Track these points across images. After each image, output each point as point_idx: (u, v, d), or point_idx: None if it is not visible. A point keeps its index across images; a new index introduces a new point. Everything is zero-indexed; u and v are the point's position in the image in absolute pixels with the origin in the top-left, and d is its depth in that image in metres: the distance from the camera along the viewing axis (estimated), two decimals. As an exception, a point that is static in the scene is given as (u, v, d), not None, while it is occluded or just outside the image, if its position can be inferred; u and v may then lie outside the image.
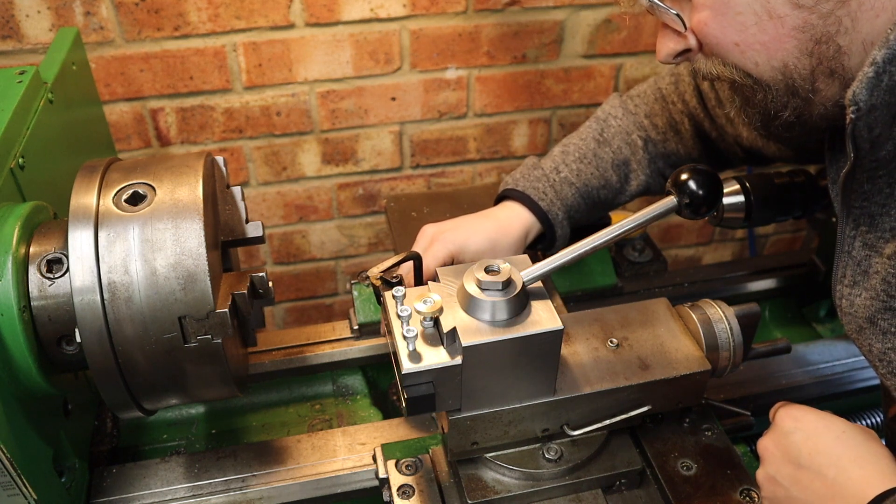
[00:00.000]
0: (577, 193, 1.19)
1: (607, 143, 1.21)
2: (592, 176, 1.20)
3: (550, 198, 1.17)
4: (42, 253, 0.88)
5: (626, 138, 1.21)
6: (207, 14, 1.72)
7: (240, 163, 1.97)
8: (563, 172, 1.19)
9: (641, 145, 1.21)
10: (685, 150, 1.23)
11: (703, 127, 1.21)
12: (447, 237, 1.11)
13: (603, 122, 1.23)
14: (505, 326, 0.85)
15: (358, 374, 1.33)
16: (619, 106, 1.24)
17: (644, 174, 1.22)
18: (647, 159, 1.22)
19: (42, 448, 0.93)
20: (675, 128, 1.22)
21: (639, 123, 1.22)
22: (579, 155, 1.20)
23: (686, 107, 1.21)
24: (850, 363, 1.28)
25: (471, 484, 0.96)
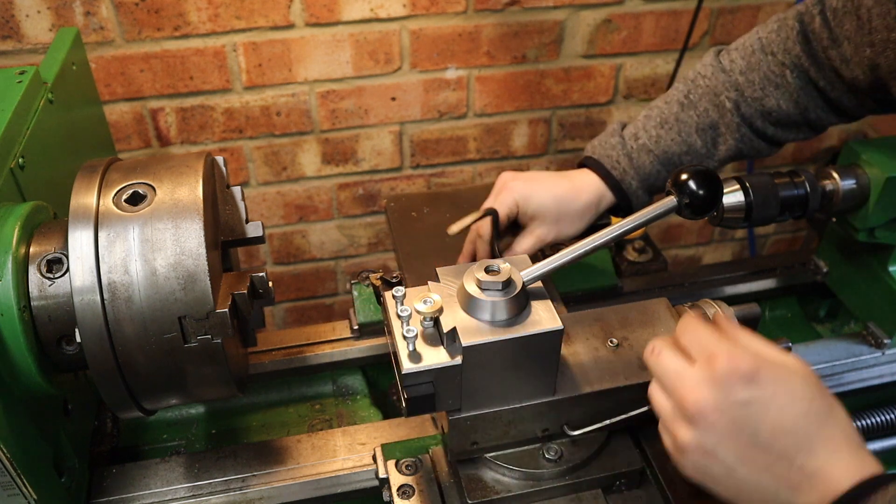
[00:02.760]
0: (655, 161, 1.14)
1: (692, 105, 1.14)
2: (673, 142, 1.14)
3: (624, 167, 1.13)
4: (42, 253, 0.88)
5: (714, 100, 1.14)
6: (207, 14, 1.72)
7: (240, 163, 1.97)
8: (641, 139, 1.15)
9: (731, 107, 1.13)
10: (788, 104, 1.13)
11: (809, 76, 1.12)
12: (516, 186, 1.11)
13: (690, 83, 1.16)
14: (505, 326, 0.85)
15: (358, 374, 1.33)
16: (711, 63, 1.16)
17: (734, 138, 1.14)
18: (738, 122, 1.14)
19: (42, 448, 0.93)
20: (776, 82, 1.13)
21: (731, 82, 1.14)
22: (660, 120, 1.15)
23: (788, 56, 1.12)
24: (850, 363, 1.28)
25: (471, 484, 0.96)
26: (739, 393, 0.68)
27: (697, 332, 0.75)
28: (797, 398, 0.68)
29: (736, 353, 0.69)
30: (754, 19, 2.03)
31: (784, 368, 0.69)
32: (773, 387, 0.68)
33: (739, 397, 0.68)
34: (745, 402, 0.68)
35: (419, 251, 1.16)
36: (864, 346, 1.29)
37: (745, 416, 0.68)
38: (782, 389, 0.68)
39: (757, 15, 2.02)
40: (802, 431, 0.67)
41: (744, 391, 0.68)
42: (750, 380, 0.68)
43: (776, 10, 2.02)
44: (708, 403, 0.69)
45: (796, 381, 0.69)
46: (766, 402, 0.68)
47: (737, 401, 0.68)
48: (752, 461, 0.68)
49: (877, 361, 1.28)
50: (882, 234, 1.20)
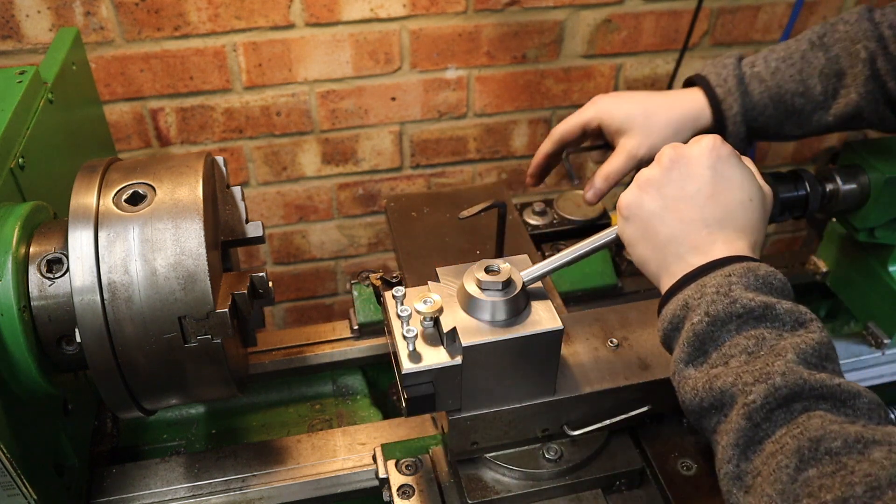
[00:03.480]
0: (766, 93, 1.06)
1: (824, 47, 1.06)
2: (791, 79, 1.06)
3: (730, 86, 1.06)
4: (42, 253, 0.88)
5: (849, 47, 1.05)
6: (207, 14, 1.72)
7: (240, 163, 1.97)
8: (757, 67, 1.07)
9: (865, 57, 1.03)
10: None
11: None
12: (600, 99, 1.08)
13: (829, 26, 1.08)
14: (505, 326, 0.85)
15: (358, 374, 1.33)
16: (858, 12, 1.08)
17: (858, 93, 1.04)
18: (868, 76, 1.04)
19: (42, 448, 0.93)
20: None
21: (875, 34, 1.04)
22: (785, 54, 1.07)
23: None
24: (850, 363, 1.28)
25: (471, 484, 0.96)
26: (708, 158, 0.80)
27: None
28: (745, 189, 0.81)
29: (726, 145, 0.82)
30: (754, 19, 2.03)
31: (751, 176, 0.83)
32: (733, 172, 0.81)
33: (706, 161, 0.80)
34: (708, 166, 0.80)
35: (419, 251, 1.16)
36: (864, 346, 1.29)
37: (700, 174, 0.80)
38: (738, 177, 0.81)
39: (757, 15, 2.02)
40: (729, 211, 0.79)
41: (712, 159, 0.80)
42: (720, 158, 0.81)
43: (776, 10, 2.02)
44: (683, 154, 0.82)
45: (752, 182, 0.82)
46: (722, 176, 0.80)
47: (703, 161, 0.80)
48: (680, 210, 0.80)
49: (877, 361, 1.28)
50: (882, 234, 1.20)
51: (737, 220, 0.80)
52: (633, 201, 0.83)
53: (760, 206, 0.82)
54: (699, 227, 0.79)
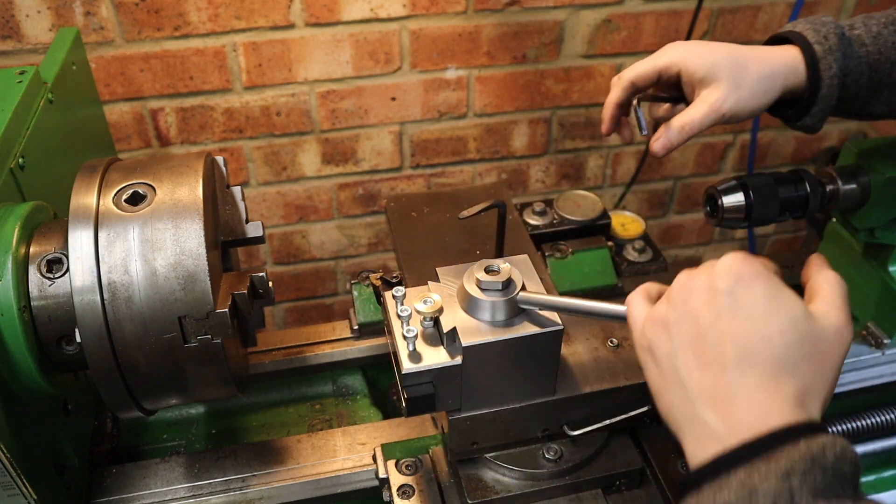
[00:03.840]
0: (864, 59, 0.95)
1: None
2: (893, 47, 0.94)
3: (831, 44, 0.93)
4: (42, 253, 0.88)
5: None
6: (207, 14, 1.72)
7: (240, 163, 1.97)
8: (857, 30, 0.96)
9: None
10: None
11: None
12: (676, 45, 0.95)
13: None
14: (505, 326, 0.85)
15: (358, 374, 1.33)
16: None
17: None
18: None
19: (42, 448, 0.93)
20: None
21: None
22: (887, 21, 0.96)
23: None
24: (850, 363, 1.27)
25: (471, 484, 0.96)
26: (722, 282, 0.64)
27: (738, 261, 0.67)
28: (768, 322, 0.62)
29: (750, 259, 0.65)
30: (754, 19, 2.03)
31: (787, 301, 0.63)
32: (756, 299, 0.63)
33: (719, 285, 0.64)
34: (722, 291, 0.64)
35: (419, 251, 1.16)
36: (864, 346, 1.29)
37: (713, 304, 0.64)
38: (762, 307, 0.63)
39: (757, 15, 2.02)
40: (750, 350, 0.61)
41: (727, 282, 0.64)
42: (740, 278, 0.64)
43: (776, 10, 2.02)
44: (693, 281, 0.66)
45: (784, 313, 0.62)
46: (739, 304, 0.63)
47: (715, 286, 0.64)
48: (694, 353, 0.64)
49: (877, 361, 1.28)
50: (882, 234, 1.20)
51: (763, 362, 0.61)
52: (645, 344, 0.69)
53: (801, 342, 0.62)
54: (717, 373, 0.62)
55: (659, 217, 2.42)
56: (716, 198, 1.13)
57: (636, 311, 0.72)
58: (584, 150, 2.19)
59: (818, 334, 0.63)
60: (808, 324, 0.63)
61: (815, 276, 0.70)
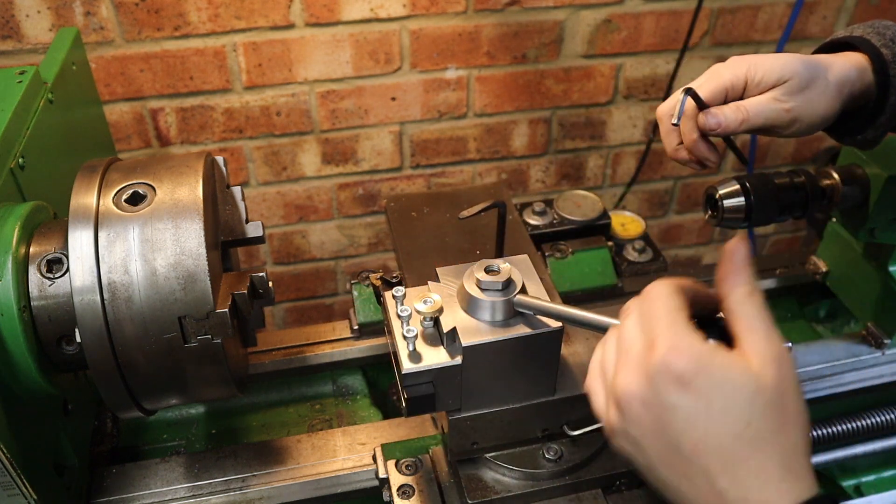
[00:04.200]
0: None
1: None
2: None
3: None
4: (42, 253, 0.88)
5: None
6: (207, 14, 1.72)
7: (240, 163, 1.97)
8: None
9: None
10: None
11: None
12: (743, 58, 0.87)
13: None
14: (505, 326, 0.85)
15: (358, 374, 1.33)
16: None
17: None
18: None
19: (42, 448, 0.93)
20: None
21: None
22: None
23: None
24: (850, 363, 1.28)
25: (471, 484, 0.96)
26: (669, 394, 0.59)
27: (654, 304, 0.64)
28: (731, 418, 0.58)
29: (678, 349, 0.59)
30: (754, 19, 2.03)
31: (729, 381, 0.58)
32: (707, 398, 0.58)
33: (667, 399, 0.59)
34: (673, 406, 0.59)
35: (419, 251, 1.16)
36: (864, 346, 1.29)
37: (670, 420, 0.59)
38: (718, 404, 0.58)
39: (757, 15, 2.02)
40: (729, 455, 0.58)
41: (674, 394, 0.59)
42: (682, 383, 0.58)
43: (776, 10, 2.02)
44: (635, 395, 0.61)
45: (738, 398, 0.58)
46: (694, 412, 0.58)
47: (664, 402, 0.59)
48: (673, 466, 0.61)
49: (877, 361, 1.28)
50: (882, 234, 1.20)
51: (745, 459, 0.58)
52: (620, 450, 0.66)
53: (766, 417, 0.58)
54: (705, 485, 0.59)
55: (659, 217, 2.42)
56: (716, 198, 1.13)
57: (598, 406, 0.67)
58: (584, 150, 2.19)
59: (775, 393, 0.59)
60: (762, 393, 0.58)
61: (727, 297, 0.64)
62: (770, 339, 0.61)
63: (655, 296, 0.65)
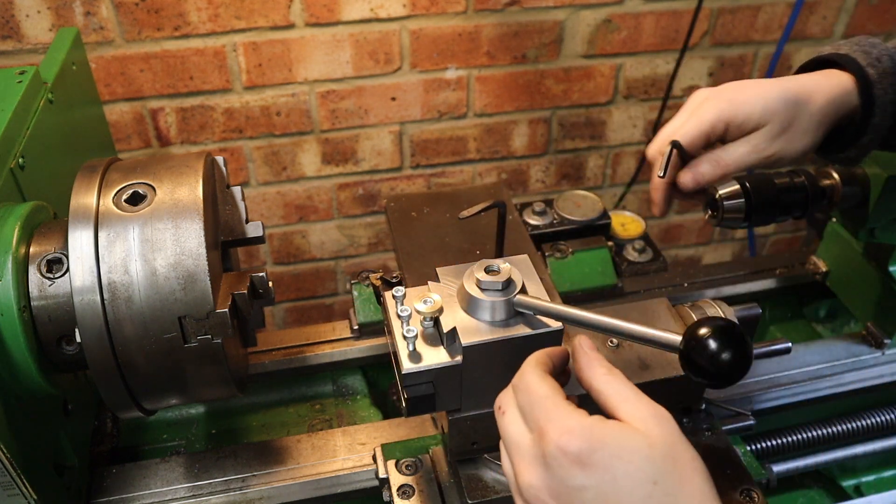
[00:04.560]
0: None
1: None
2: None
3: (885, 67, 0.86)
4: (42, 253, 0.88)
5: None
6: (207, 14, 1.72)
7: (240, 163, 1.97)
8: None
9: None
10: None
11: None
12: (722, 93, 0.86)
13: None
14: (505, 326, 0.85)
15: (358, 374, 1.33)
16: None
17: None
18: None
19: (42, 448, 0.93)
20: None
21: None
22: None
23: None
24: (849, 363, 1.28)
25: (471, 484, 0.96)
26: (573, 478, 0.59)
27: (531, 393, 0.66)
28: (638, 482, 0.58)
29: (567, 430, 0.60)
30: (754, 19, 2.03)
31: (623, 448, 0.59)
32: (610, 470, 0.58)
33: (573, 483, 0.59)
34: (579, 487, 0.59)
35: (419, 251, 1.16)
36: (864, 346, 1.29)
37: (580, 502, 0.59)
38: (621, 472, 0.58)
39: (757, 15, 2.02)
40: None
41: (577, 476, 0.59)
42: (582, 463, 0.59)
43: (776, 10, 2.02)
44: (541, 487, 0.61)
45: (637, 461, 0.58)
46: (602, 487, 0.58)
47: (570, 485, 0.59)
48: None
49: (877, 361, 1.28)
50: (882, 234, 1.20)
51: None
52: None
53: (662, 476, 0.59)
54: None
55: (659, 217, 2.41)
56: (716, 198, 1.13)
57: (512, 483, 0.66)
58: (583, 150, 2.19)
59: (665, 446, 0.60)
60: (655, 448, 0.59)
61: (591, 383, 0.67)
62: (642, 401, 0.63)
63: (525, 386, 0.67)
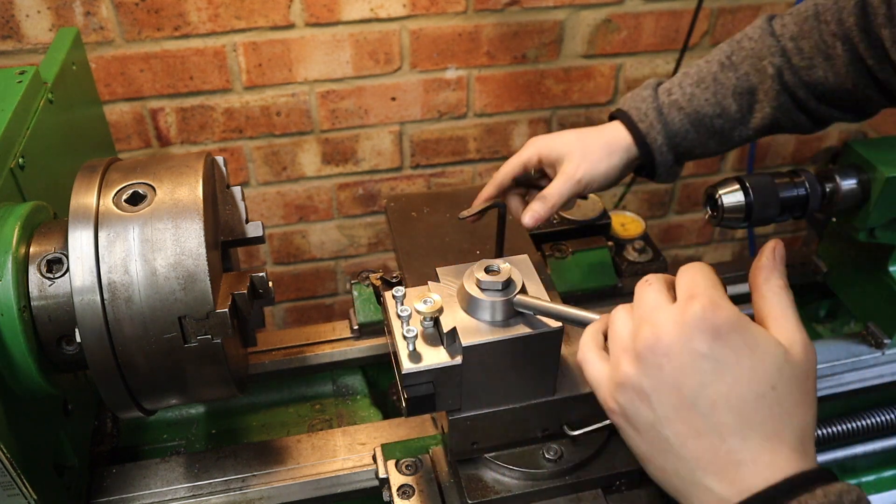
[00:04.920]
0: (685, 119, 1.09)
1: (733, 67, 1.09)
2: (707, 102, 1.09)
3: (651, 120, 1.09)
4: (42, 253, 0.88)
5: (757, 64, 1.08)
6: (207, 14, 1.72)
7: (240, 163, 1.97)
8: (674, 95, 1.10)
9: (773, 73, 1.07)
10: (836, 78, 1.05)
11: (859, 51, 1.03)
12: (538, 138, 1.10)
13: (735, 44, 1.11)
14: (505, 326, 0.85)
15: (358, 374, 1.33)
16: (760, 26, 1.11)
17: (771, 106, 1.08)
18: (778, 90, 1.07)
19: (42, 448, 0.93)
20: (826, 52, 1.06)
21: (778, 47, 1.08)
22: (698, 78, 1.10)
23: (842, 27, 1.04)
24: (850, 363, 1.28)
25: (471, 484, 0.96)
26: (700, 343, 0.59)
27: (697, 274, 0.65)
28: (758, 378, 0.59)
29: (719, 304, 0.60)
30: (754, 19, 2.02)
31: (759, 345, 0.60)
32: (738, 354, 0.59)
33: (698, 347, 0.59)
34: (702, 355, 0.59)
35: (419, 251, 1.16)
36: (864, 346, 1.29)
37: (695, 369, 0.60)
38: (747, 362, 0.59)
39: (757, 15, 2.02)
40: (748, 414, 0.59)
41: (705, 343, 0.59)
42: (717, 335, 0.59)
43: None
44: (663, 341, 0.61)
45: (768, 361, 0.59)
46: (723, 365, 0.59)
47: (693, 349, 0.59)
48: (684, 422, 0.60)
49: (877, 361, 1.28)
50: (882, 234, 1.20)
51: (762, 422, 0.59)
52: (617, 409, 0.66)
53: (790, 388, 0.60)
54: (715, 441, 0.59)
55: (659, 217, 2.42)
56: (716, 198, 1.13)
57: (594, 372, 0.68)
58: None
59: (799, 370, 0.61)
60: (790, 365, 0.60)
61: (762, 286, 0.65)
62: (799, 328, 0.63)
63: (694, 267, 0.67)
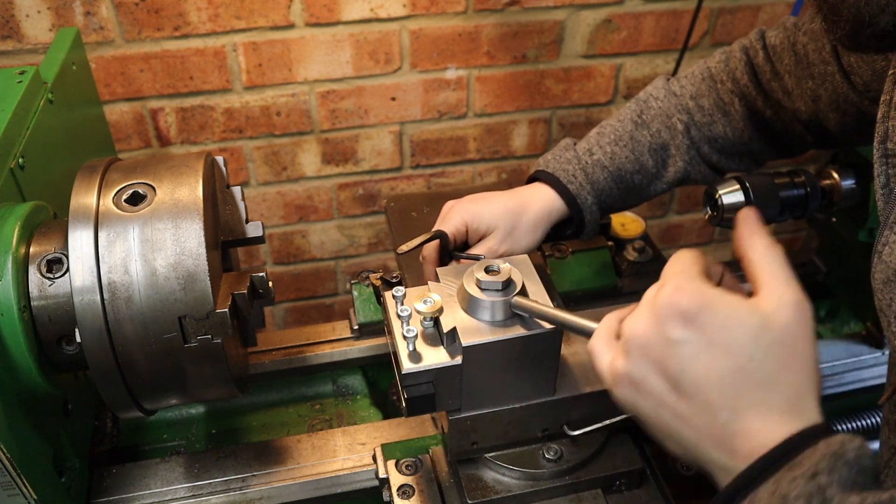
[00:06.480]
0: (609, 177, 1.14)
1: (646, 125, 1.16)
2: (627, 160, 1.14)
3: (580, 181, 1.13)
4: (42, 253, 0.88)
5: (666, 121, 1.15)
6: (207, 14, 1.72)
7: (240, 163, 1.97)
8: (596, 155, 1.15)
9: (682, 129, 1.15)
10: (734, 132, 1.15)
11: (756, 106, 1.14)
12: (463, 206, 1.09)
13: (643, 104, 1.18)
14: (505, 326, 0.85)
15: (358, 374, 1.33)
16: (662, 87, 1.18)
17: (683, 160, 1.15)
18: (688, 144, 1.15)
19: (42, 448, 0.93)
20: (724, 109, 1.15)
21: (682, 106, 1.16)
22: (615, 137, 1.16)
23: (736, 85, 1.14)
24: (849, 363, 1.28)
25: (471, 484, 0.96)
26: (672, 329, 0.61)
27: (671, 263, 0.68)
28: (733, 352, 0.60)
29: (684, 288, 0.62)
30: (754, 19, 2.02)
31: (730, 318, 0.60)
32: (710, 333, 0.60)
33: (670, 334, 0.61)
34: (676, 341, 0.61)
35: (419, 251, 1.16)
36: (864, 346, 1.29)
37: (672, 355, 0.61)
38: (720, 338, 0.60)
39: (757, 15, 2.02)
40: (730, 388, 0.60)
41: (677, 328, 0.61)
42: (687, 319, 0.61)
43: (776, 10, 2.02)
44: (639, 333, 0.64)
45: (741, 334, 0.60)
46: (697, 346, 0.61)
47: (667, 337, 0.62)
48: (677, 405, 0.63)
49: (877, 361, 1.28)
50: (882, 234, 1.20)
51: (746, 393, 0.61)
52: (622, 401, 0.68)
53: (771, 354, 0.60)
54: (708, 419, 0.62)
55: (659, 217, 2.42)
56: (716, 197, 1.13)
57: (602, 363, 0.70)
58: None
59: (782, 334, 0.61)
60: (769, 332, 0.60)
61: (747, 251, 0.67)
62: (790, 285, 0.63)
63: (673, 257, 0.69)
